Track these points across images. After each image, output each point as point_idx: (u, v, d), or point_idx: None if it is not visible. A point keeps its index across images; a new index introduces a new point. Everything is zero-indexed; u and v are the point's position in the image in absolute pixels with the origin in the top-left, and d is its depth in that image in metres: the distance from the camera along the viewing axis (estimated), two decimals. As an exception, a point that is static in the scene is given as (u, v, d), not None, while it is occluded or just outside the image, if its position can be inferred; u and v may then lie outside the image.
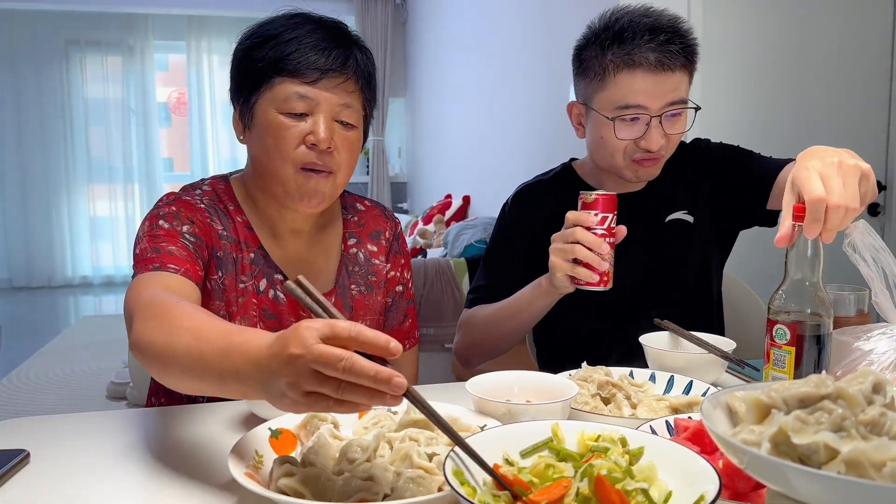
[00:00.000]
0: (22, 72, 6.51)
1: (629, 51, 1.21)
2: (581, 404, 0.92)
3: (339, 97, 1.04)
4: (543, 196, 1.45)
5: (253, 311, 1.11)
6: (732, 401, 0.56)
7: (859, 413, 0.49)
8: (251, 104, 1.06)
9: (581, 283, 1.11)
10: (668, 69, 1.22)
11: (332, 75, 1.03)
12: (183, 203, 1.08)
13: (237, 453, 0.73)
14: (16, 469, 0.80)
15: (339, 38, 1.07)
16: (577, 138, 1.46)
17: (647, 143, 1.25)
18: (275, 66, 1.03)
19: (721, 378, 1.08)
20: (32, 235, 6.77)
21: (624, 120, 1.25)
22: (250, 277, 1.11)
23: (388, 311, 1.27)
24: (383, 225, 1.27)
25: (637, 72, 1.22)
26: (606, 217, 1.09)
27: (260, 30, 1.07)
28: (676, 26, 1.24)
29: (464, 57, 4.70)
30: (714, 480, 0.58)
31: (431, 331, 3.07)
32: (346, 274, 1.20)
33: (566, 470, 0.62)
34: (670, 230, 1.40)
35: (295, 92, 1.02)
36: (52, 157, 6.71)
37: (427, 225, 4.66)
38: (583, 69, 1.31)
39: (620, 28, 1.24)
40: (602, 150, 1.31)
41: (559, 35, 3.14)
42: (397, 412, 0.86)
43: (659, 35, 1.21)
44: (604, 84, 1.26)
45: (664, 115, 1.25)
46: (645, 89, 1.22)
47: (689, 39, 1.25)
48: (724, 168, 1.40)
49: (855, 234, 0.95)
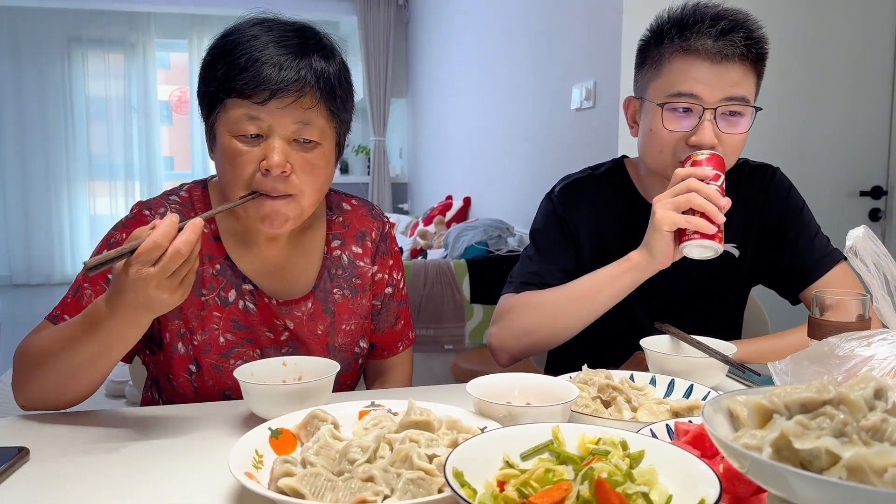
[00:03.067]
0: (24, 68, 6.53)
1: (687, 36, 1.16)
2: (581, 407, 0.92)
3: (293, 116, 0.98)
4: (594, 192, 1.36)
5: (214, 325, 1.08)
6: (734, 405, 0.56)
7: (861, 419, 0.49)
8: (211, 125, 1.03)
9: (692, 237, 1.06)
10: (727, 59, 1.14)
11: (283, 94, 0.97)
12: (136, 225, 1.06)
13: (237, 453, 0.73)
14: (15, 466, 0.80)
15: (295, 49, 1.00)
16: (580, 142, 1.44)
17: (697, 139, 1.16)
18: (225, 86, 0.98)
19: (722, 382, 1.08)
20: (33, 232, 6.78)
21: (675, 109, 1.18)
22: (213, 290, 1.09)
23: (377, 314, 1.23)
24: (369, 225, 1.23)
25: (694, 58, 1.16)
26: (719, 175, 1.05)
27: (219, 43, 1.03)
28: (743, 19, 1.17)
29: (466, 58, 4.70)
30: (715, 484, 0.57)
31: (431, 332, 3.07)
32: (329, 277, 1.17)
33: (566, 473, 0.62)
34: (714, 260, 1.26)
35: (244, 114, 0.98)
36: (52, 155, 6.72)
37: (428, 226, 4.66)
38: (641, 59, 1.26)
39: (685, 16, 1.18)
40: (650, 145, 1.23)
41: (562, 36, 3.14)
42: (398, 413, 0.86)
43: (720, 22, 1.15)
44: (659, 71, 1.20)
45: (719, 111, 1.16)
46: (701, 78, 1.15)
47: (756, 34, 1.17)
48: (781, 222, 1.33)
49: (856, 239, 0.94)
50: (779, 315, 1.57)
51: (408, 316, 1.29)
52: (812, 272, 1.30)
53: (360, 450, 0.73)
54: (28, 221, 6.76)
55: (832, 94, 2.70)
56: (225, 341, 1.09)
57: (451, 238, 3.86)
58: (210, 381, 1.10)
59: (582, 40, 2.91)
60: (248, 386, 0.92)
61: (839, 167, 2.75)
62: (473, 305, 3.14)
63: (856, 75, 2.70)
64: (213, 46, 1.04)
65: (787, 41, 2.59)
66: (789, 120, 2.66)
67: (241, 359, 1.09)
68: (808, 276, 1.30)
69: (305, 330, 1.13)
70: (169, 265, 0.81)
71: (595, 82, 2.76)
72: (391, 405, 0.90)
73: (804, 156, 2.69)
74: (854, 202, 2.77)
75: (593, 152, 2.75)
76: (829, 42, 2.67)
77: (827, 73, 2.69)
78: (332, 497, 0.67)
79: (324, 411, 0.84)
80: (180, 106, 7.30)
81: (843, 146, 2.74)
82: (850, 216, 2.71)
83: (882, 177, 2.78)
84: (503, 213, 4.00)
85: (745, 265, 1.35)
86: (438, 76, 5.44)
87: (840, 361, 0.93)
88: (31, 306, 6.01)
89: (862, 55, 2.69)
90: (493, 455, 0.67)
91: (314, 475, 0.69)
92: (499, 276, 3.18)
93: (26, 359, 0.97)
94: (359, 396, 1.08)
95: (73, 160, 6.81)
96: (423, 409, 0.81)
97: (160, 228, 0.81)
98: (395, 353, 1.27)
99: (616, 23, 2.55)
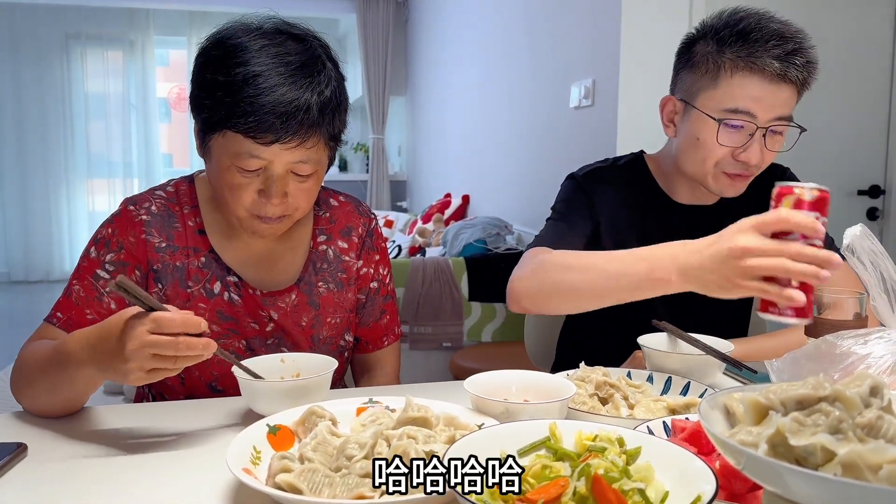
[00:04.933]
0: (22, 65, 6.51)
1: (753, 52, 1.14)
2: (579, 404, 0.92)
3: (295, 156, 1.00)
4: (615, 181, 1.36)
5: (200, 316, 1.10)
6: (730, 402, 0.57)
7: (856, 416, 0.49)
8: (206, 139, 1.03)
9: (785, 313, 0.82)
10: (786, 81, 1.15)
11: (287, 140, 0.97)
12: (122, 221, 1.10)
13: (235, 449, 0.73)
14: (13, 462, 0.80)
15: (303, 89, 0.97)
16: (579, 140, 1.44)
17: (746, 156, 1.18)
18: (228, 120, 0.97)
19: (718, 380, 1.08)
20: (31, 229, 6.77)
21: (729, 124, 1.18)
22: (198, 282, 1.11)
23: (362, 308, 1.24)
24: (356, 221, 1.24)
25: (756, 76, 1.15)
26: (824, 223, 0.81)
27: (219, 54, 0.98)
28: (803, 40, 1.17)
29: (465, 56, 4.70)
30: (711, 481, 0.58)
31: (430, 329, 3.07)
32: (314, 271, 1.18)
33: (563, 469, 0.63)
34: None
35: (247, 150, 0.98)
36: (51, 152, 6.71)
37: (426, 224, 4.66)
38: (692, 63, 1.22)
39: (747, 27, 1.16)
40: (694, 153, 1.23)
41: (561, 34, 3.14)
42: (395, 410, 0.87)
43: (787, 44, 1.14)
44: (716, 82, 1.18)
45: (769, 129, 1.18)
46: (760, 97, 1.15)
47: (812, 56, 1.18)
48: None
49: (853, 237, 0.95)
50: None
51: (394, 311, 1.30)
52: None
53: (358, 446, 0.73)
54: (27, 218, 6.75)
55: (830, 93, 2.70)
56: (211, 333, 1.09)
57: (449, 236, 3.86)
58: (196, 372, 1.11)
59: (581, 38, 2.91)
60: (246, 382, 0.92)
61: (837, 166, 2.75)
62: (472, 303, 3.15)
63: (854, 74, 2.70)
64: (212, 60, 0.99)
65: (786, 40, 2.59)
66: (788, 119, 2.66)
67: (226, 350, 1.10)
68: None
69: (290, 321, 1.15)
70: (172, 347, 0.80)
71: (594, 80, 2.76)
72: (389, 402, 0.90)
73: (802, 154, 2.68)
74: (852, 201, 2.77)
75: (592, 150, 2.75)
76: (827, 40, 2.67)
77: (825, 72, 2.68)
78: (329, 493, 0.67)
79: (322, 408, 0.84)
80: (179, 103, 7.28)
81: (841, 145, 2.74)
82: (847, 215, 2.71)
83: (880, 176, 2.78)
84: (502, 211, 4.00)
85: None
86: (437, 74, 5.43)
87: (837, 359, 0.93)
88: (30, 303, 6.00)
89: (860, 54, 2.70)
90: (490, 451, 0.68)
91: (312, 471, 0.69)
92: (497, 274, 3.18)
93: (20, 371, 0.99)
94: (357, 393, 1.08)
95: (71, 157, 6.80)
96: (420, 405, 0.81)
97: (195, 319, 0.82)
98: (380, 347, 1.28)
99: (615, 21, 2.55)
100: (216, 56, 0.99)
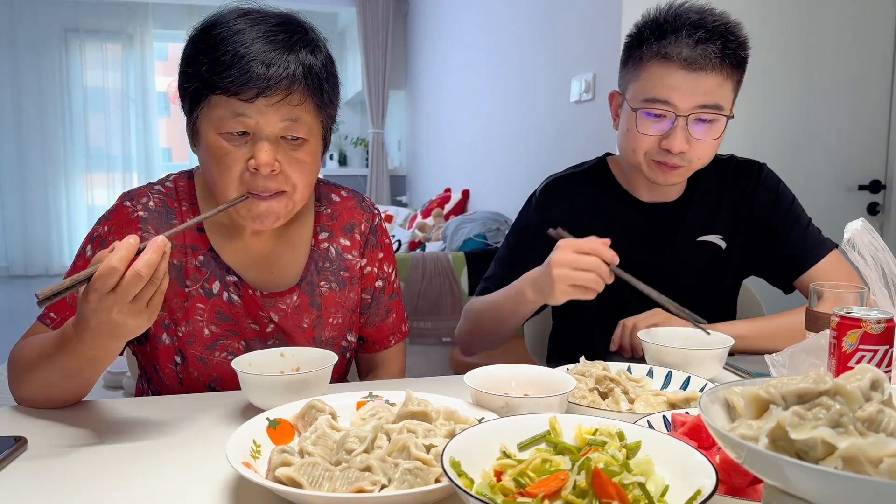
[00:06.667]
0: (21, 59, 6.49)
1: (664, 43, 1.18)
2: (579, 398, 0.92)
3: (280, 114, 0.97)
4: (574, 192, 1.39)
5: (198, 317, 1.08)
6: (731, 396, 0.56)
7: (857, 409, 0.49)
8: (194, 120, 1.02)
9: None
10: (701, 69, 1.16)
11: (271, 92, 0.95)
12: (118, 218, 1.08)
13: (235, 443, 0.73)
14: (13, 456, 0.80)
15: (282, 44, 0.97)
16: (578, 134, 1.45)
17: (668, 144, 1.20)
18: (209, 82, 0.96)
19: (719, 374, 1.08)
20: (30, 224, 6.76)
21: (649, 114, 1.20)
22: (196, 282, 1.08)
23: (367, 308, 1.22)
24: (358, 217, 1.21)
25: (670, 66, 1.17)
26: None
27: (201, 36, 1.00)
28: (722, 27, 1.18)
29: (465, 50, 4.69)
30: (711, 476, 0.58)
31: (430, 324, 3.07)
32: (315, 270, 1.15)
33: (563, 463, 0.63)
34: (699, 253, 1.35)
35: (232, 111, 0.96)
36: (50, 146, 6.70)
37: (426, 218, 4.66)
38: (625, 57, 1.28)
39: (664, 19, 1.20)
40: (626, 144, 1.27)
41: (562, 28, 3.13)
42: (395, 404, 0.87)
43: (697, 31, 1.16)
44: (637, 74, 1.23)
45: (692, 118, 1.19)
46: (675, 85, 1.18)
47: (734, 43, 1.18)
48: (771, 214, 1.35)
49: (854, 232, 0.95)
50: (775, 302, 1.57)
51: (400, 309, 1.27)
52: (805, 261, 1.32)
53: (358, 440, 0.73)
54: (25, 213, 6.74)
55: (831, 88, 2.69)
56: (209, 333, 1.08)
57: (449, 231, 3.86)
58: (195, 373, 1.10)
59: (581, 33, 2.90)
60: (245, 376, 0.92)
61: (838, 161, 2.75)
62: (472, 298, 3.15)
63: (855, 70, 2.70)
64: (194, 39, 1.00)
65: (787, 35, 2.59)
66: (788, 114, 2.66)
67: (225, 351, 1.09)
68: (802, 264, 1.32)
69: (290, 323, 1.13)
70: (129, 290, 0.77)
71: (594, 75, 2.76)
72: (389, 396, 0.90)
73: (803, 150, 2.69)
74: (852, 196, 2.77)
75: (592, 145, 2.74)
76: (829, 36, 2.66)
77: (826, 68, 2.68)
78: (329, 486, 0.67)
79: (322, 401, 0.84)
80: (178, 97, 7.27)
81: (841, 140, 2.74)
82: (848, 210, 2.71)
83: (880, 171, 2.78)
84: (501, 205, 4.00)
85: (734, 258, 1.37)
86: (437, 68, 5.42)
87: (837, 354, 0.93)
88: (29, 298, 5.98)
89: (861, 49, 2.69)
90: (490, 445, 0.68)
91: (312, 465, 0.69)
92: (497, 268, 3.18)
93: (16, 364, 0.98)
94: (357, 387, 1.08)
95: (70, 151, 6.79)
96: (420, 399, 0.81)
97: (116, 252, 0.77)
98: (387, 346, 1.26)
99: (615, 15, 2.55)
100: (199, 31, 1.01)
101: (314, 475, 0.68)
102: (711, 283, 1.38)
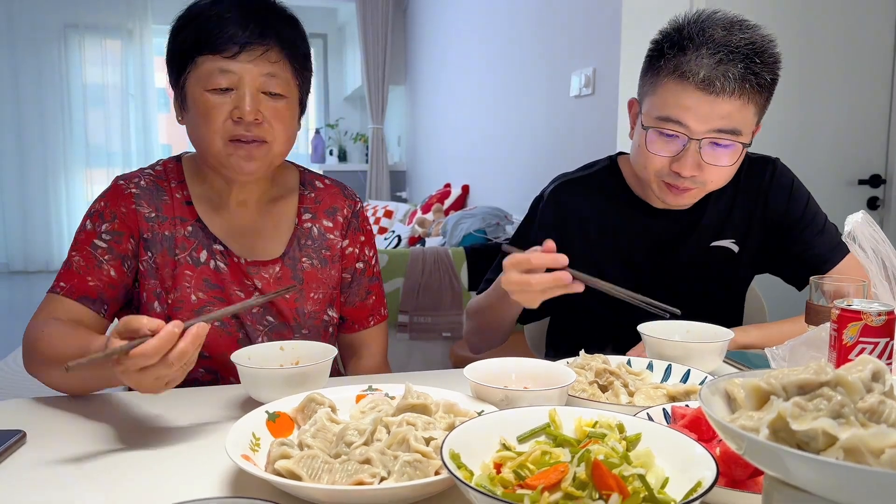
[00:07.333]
0: (20, 55, 6.47)
1: (684, 60, 1.10)
2: (578, 392, 0.92)
3: (260, 68, 1.06)
4: (584, 196, 1.34)
5: (186, 283, 1.13)
6: (731, 387, 0.56)
7: (858, 400, 0.49)
8: (182, 86, 1.10)
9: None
10: (720, 91, 1.09)
11: (251, 48, 1.05)
12: (113, 194, 1.15)
13: (234, 436, 0.73)
14: (12, 449, 0.80)
15: (260, 10, 1.08)
16: (578, 128, 1.44)
17: (678, 167, 1.14)
18: (196, 45, 1.06)
19: (719, 367, 1.08)
20: (30, 220, 6.76)
21: (661, 133, 1.14)
22: (185, 250, 1.14)
23: (347, 287, 1.27)
24: (341, 203, 1.27)
25: (686, 85, 1.10)
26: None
27: (186, 12, 1.10)
28: (749, 47, 1.09)
29: (465, 45, 4.68)
30: (711, 468, 0.58)
31: (429, 319, 3.07)
32: (298, 247, 1.21)
33: (563, 455, 0.62)
34: (712, 257, 1.31)
35: (217, 67, 1.05)
36: (49, 142, 6.69)
37: (426, 214, 4.65)
38: (645, 67, 1.20)
39: (688, 33, 1.11)
40: (637, 159, 1.22)
41: (561, 23, 3.13)
42: (395, 397, 0.86)
43: (720, 50, 1.08)
44: (654, 88, 1.16)
45: (706, 142, 1.13)
46: (690, 106, 1.10)
47: (759, 67, 1.10)
48: (785, 214, 1.30)
49: (855, 224, 0.94)
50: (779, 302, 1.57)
51: (380, 293, 1.32)
52: (825, 262, 1.29)
53: (357, 432, 0.73)
54: (25, 209, 6.74)
55: (831, 83, 2.69)
56: (196, 299, 1.14)
57: (449, 226, 3.86)
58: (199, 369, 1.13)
59: (581, 27, 2.90)
60: (245, 370, 0.92)
61: (838, 156, 2.74)
62: (472, 293, 3.14)
63: (855, 65, 2.69)
64: (178, 17, 1.11)
65: (788, 30, 2.58)
66: (789, 109, 2.65)
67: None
68: (821, 266, 1.28)
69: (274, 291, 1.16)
70: (156, 373, 0.79)
71: (594, 69, 2.75)
72: (389, 389, 0.90)
73: (803, 145, 2.69)
74: (853, 191, 2.76)
75: (592, 140, 2.74)
76: (829, 31, 2.66)
77: (826, 63, 2.68)
78: (328, 479, 0.67)
79: (321, 395, 0.84)
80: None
81: (841, 135, 2.74)
82: (848, 205, 2.70)
83: (881, 165, 2.78)
84: (501, 201, 3.99)
85: (746, 261, 1.34)
86: (437, 63, 5.41)
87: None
88: (29, 293, 6.00)
89: (861, 44, 2.68)
90: (489, 438, 0.68)
91: (311, 457, 0.69)
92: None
93: (34, 351, 1.02)
94: (356, 381, 1.08)
95: (70, 147, 6.77)
96: (420, 392, 0.81)
97: (156, 341, 0.76)
98: (366, 326, 1.31)
99: (616, 9, 2.54)
100: (185, 10, 1.11)
101: (313, 468, 0.68)
102: (721, 287, 1.35)
